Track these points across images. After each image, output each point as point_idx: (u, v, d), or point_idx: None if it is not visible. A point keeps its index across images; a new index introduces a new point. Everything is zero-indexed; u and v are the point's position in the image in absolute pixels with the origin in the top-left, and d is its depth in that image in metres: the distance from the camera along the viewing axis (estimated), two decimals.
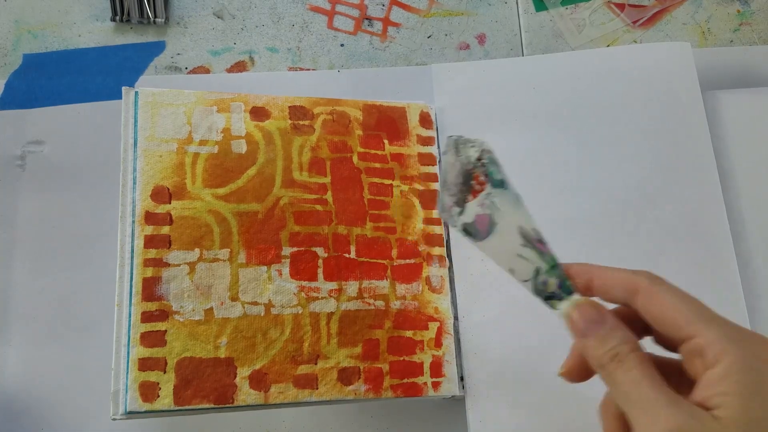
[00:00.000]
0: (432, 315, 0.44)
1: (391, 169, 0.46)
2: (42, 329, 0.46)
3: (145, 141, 0.42)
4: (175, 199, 0.42)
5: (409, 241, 0.45)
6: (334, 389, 0.41)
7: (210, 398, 0.39)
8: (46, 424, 0.44)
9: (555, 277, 0.30)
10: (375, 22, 0.55)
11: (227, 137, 0.44)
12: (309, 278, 0.42)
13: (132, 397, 0.38)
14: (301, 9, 0.55)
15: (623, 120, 0.49)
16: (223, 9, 0.54)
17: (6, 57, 0.52)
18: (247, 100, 0.45)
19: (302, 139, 0.45)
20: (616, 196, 0.47)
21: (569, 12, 0.55)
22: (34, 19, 0.53)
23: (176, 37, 0.53)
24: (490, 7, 0.55)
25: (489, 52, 0.54)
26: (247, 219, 0.42)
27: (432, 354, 0.43)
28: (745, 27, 0.55)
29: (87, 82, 0.52)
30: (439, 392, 0.42)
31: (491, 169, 0.31)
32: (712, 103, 0.50)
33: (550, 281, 0.30)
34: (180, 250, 0.41)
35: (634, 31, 0.55)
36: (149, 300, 0.39)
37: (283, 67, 0.53)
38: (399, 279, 0.44)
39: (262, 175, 0.44)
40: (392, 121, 0.47)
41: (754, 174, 0.49)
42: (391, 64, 0.54)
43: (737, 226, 0.47)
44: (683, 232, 0.46)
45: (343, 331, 0.42)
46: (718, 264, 0.46)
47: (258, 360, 0.40)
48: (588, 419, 0.31)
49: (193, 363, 0.39)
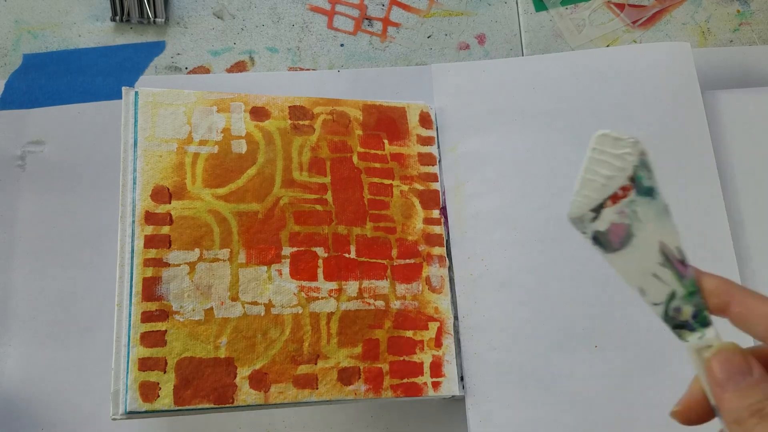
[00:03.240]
0: (432, 315, 0.44)
1: (391, 169, 0.46)
2: (42, 329, 0.46)
3: (145, 141, 0.42)
4: (175, 199, 0.42)
5: (409, 241, 0.45)
6: (334, 389, 0.41)
7: (210, 398, 0.39)
8: (46, 424, 0.44)
9: (691, 305, 0.27)
10: (375, 22, 0.55)
11: (227, 137, 0.44)
12: (309, 278, 0.42)
13: (132, 397, 0.38)
14: (301, 9, 0.55)
15: (623, 120, 0.49)
16: (223, 9, 0.54)
17: (6, 57, 0.52)
18: (247, 100, 0.45)
19: (302, 139, 0.45)
20: None
21: (569, 12, 0.55)
22: (34, 19, 0.53)
23: (176, 37, 0.53)
24: (490, 7, 0.55)
25: (489, 52, 0.54)
26: (247, 219, 0.42)
27: (432, 354, 0.43)
28: (744, 27, 0.55)
29: (87, 82, 0.52)
30: (439, 392, 0.42)
31: (640, 174, 0.27)
32: (712, 103, 0.50)
33: (685, 309, 0.27)
34: (180, 250, 0.41)
35: (633, 31, 0.55)
36: (149, 300, 0.39)
37: (283, 67, 0.53)
38: (399, 279, 0.44)
39: (262, 175, 0.44)
40: (392, 121, 0.48)
41: (754, 174, 0.49)
42: (391, 64, 0.54)
43: (737, 226, 0.47)
44: (683, 232, 0.46)
45: (343, 331, 0.42)
46: (718, 264, 0.46)
47: (258, 360, 0.40)
48: (588, 419, 0.31)
49: (193, 363, 0.39)
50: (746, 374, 0.25)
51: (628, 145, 0.27)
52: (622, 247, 0.28)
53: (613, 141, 0.27)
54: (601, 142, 0.28)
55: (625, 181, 0.27)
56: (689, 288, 0.27)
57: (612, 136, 0.27)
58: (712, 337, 0.27)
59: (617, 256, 0.28)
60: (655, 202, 0.27)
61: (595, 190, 0.28)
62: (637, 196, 0.27)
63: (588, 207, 0.28)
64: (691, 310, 0.27)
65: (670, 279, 0.27)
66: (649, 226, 0.27)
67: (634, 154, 0.27)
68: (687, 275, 0.27)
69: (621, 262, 0.28)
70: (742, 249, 0.47)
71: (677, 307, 0.27)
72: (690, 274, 0.27)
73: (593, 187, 0.28)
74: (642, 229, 0.27)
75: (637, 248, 0.27)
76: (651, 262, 0.27)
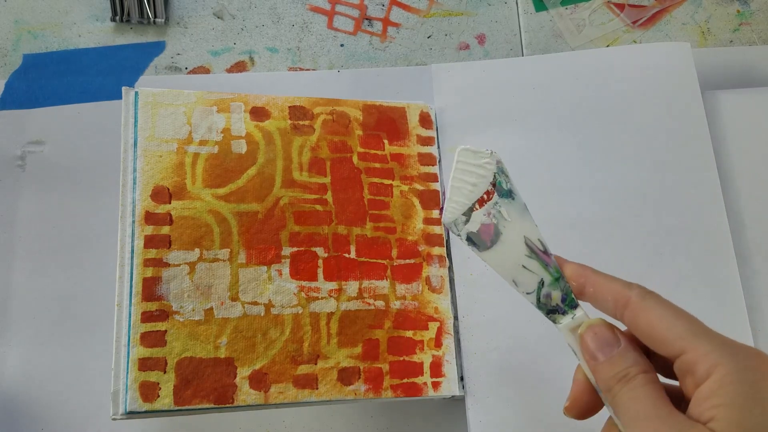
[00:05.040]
0: (432, 315, 0.44)
1: (391, 169, 0.46)
2: (42, 329, 0.46)
3: (145, 141, 0.42)
4: (175, 199, 0.42)
5: (409, 241, 0.45)
6: (334, 389, 0.41)
7: (210, 398, 0.39)
8: (46, 424, 0.44)
9: (559, 290, 0.30)
10: (375, 22, 0.55)
11: (227, 137, 0.44)
12: (309, 278, 0.42)
13: (132, 397, 0.38)
14: (301, 9, 0.55)
15: (623, 120, 0.49)
16: (223, 9, 0.54)
17: (6, 57, 0.52)
18: (247, 100, 0.45)
19: (302, 139, 0.45)
20: (616, 196, 0.47)
21: (569, 12, 0.55)
22: (34, 19, 0.53)
23: (176, 37, 0.53)
24: (490, 7, 0.55)
25: (489, 52, 0.54)
26: (247, 219, 0.42)
27: (432, 354, 0.43)
28: (744, 27, 0.55)
29: (87, 82, 0.52)
30: (439, 392, 0.42)
31: (500, 179, 0.31)
32: (712, 103, 0.50)
33: (554, 294, 0.30)
34: (180, 250, 0.41)
35: (633, 31, 0.55)
36: (149, 300, 0.39)
37: (283, 67, 0.53)
38: (399, 279, 0.44)
39: (262, 175, 0.44)
40: (392, 121, 0.48)
41: (754, 174, 0.49)
42: (391, 64, 0.54)
43: (737, 226, 0.47)
44: (683, 232, 0.46)
45: (343, 331, 0.42)
46: (718, 264, 0.46)
47: (258, 360, 0.40)
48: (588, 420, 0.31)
49: (193, 363, 0.39)
50: (614, 345, 0.28)
51: (487, 156, 0.31)
52: (492, 245, 0.31)
53: (473, 154, 0.31)
54: (464, 155, 0.31)
55: (488, 186, 0.31)
56: (554, 274, 0.30)
57: (472, 150, 0.31)
58: (581, 315, 0.30)
59: (490, 253, 0.31)
60: (515, 203, 0.31)
61: (464, 196, 0.31)
62: (500, 198, 0.31)
63: (460, 212, 0.31)
64: (560, 295, 0.30)
65: (537, 268, 0.31)
66: (513, 223, 0.31)
67: (492, 163, 0.31)
68: (551, 263, 0.31)
69: (494, 258, 0.31)
70: (742, 249, 0.47)
71: (547, 293, 0.30)
72: (553, 261, 0.31)
73: (462, 194, 0.31)
74: (507, 227, 0.31)
75: (505, 244, 0.31)
76: (519, 254, 0.31)
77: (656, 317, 0.27)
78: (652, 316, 0.27)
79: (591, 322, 0.30)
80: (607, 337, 0.29)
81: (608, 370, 0.28)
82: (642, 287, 0.29)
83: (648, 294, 0.28)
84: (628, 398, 0.27)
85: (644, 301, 0.28)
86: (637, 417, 0.26)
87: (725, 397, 0.25)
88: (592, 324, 0.29)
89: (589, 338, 0.29)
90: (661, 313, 0.27)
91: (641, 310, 0.27)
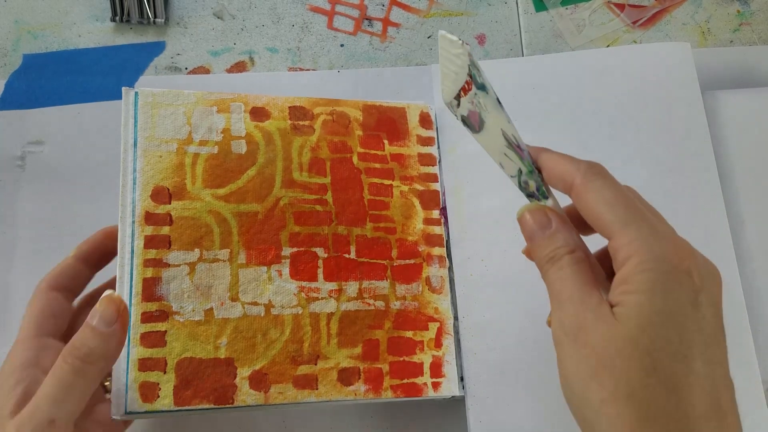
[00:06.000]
0: (432, 315, 0.44)
1: (391, 170, 0.46)
2: None
3: (145, 141, 0.42)
4: (175, 200, 0.42)
5: (409, 241, 0.45)
6: (334, 389, 0.41)
7: (210, 398, 0.39)
8: None
9: (533, 180, 0.31)
10: (375, 22, 0.55)
11: (227, 138, 0.44)
12: (309, 278, 0.42)
13: (132, 397, 0.38)
14: (301, 9, 0.55)
15: (623, 120, 0.49)
16: (223, 9, 0.54)
17: (6, 57, 0.52)
18: (247, 101, 0.45)
19: (302, 139, 0.45)
20: None
21: (569, 12, 0.55)
22: (34, 20, 0.53)
23: (176, 37, 0.53)
24: (490, 7, 0.55)
25: (489, 52, 0.54)
26: (247, 219, 0.42)
27: (432, 354, 0.43)
28: (745, 27, 0.55)
29: (87, 82, 0.52)
30: (439, 392, 0.42)
31: (473, 72, 0.30)
32: (712, 103, 0.50)
33: (530, 183, 0.31)
34: (180, 251, 0.41)
35: (634, 31, 0.55)
36: (149, 300, 0.39)
37: (283, 67, 0.53)
38: (399, 279, 0.44)
39: (262, 176, 0.44)
40: (392, 122, 0.47)
41: (754, 174, 0.49)
42: (391, 64, 0.54)
43: (737, 226, 0.47)
44: (683, 232, 0.46)
45: (343, 331, 0.42)
46: (718, 264, 0.46)
47: (258, 360, 0.40)
48: None
49: (193, 363, 0.39)
50: (546, 227, 0.30)
51: (459, 47, 0.29)
52: (480, 130, 0.32)
53: (449, 42, 0.30)
54: (443, 42, 0.30)
55: (466, 76, 0.30)
56: (528, 167, 0.31)
57: (448, 38, 0.30)
58: (552, 203, 0.31)
59: (480, 135, 0.32)
60: (488, 96, 0.30)
61: (452, 82, 0.31)
62: (477, 90, 0.30)
63: (451, 95, 0.32)
64: (535, 184, 0.31)
65: (515, 159, 0.31)
66: (490, 114, 0.31)
67: (464, 55, 0.29)
68: (524, 156, 0.31)
69: (483, 141, 0.32)
70: (742, 249, 0.47)
71: (525, 180, 0.32)
72: (527, 155, 0.31)
73: (450, 79, 0.31)
74: (488, 117, 0.31)
75: (488, 132, 0.31)
76: (500, 144, 0.31)
77: (594, 200, 0.28)
78: (591, 198, 0.28)
79: (529, 206, 0.31)
80: (540, 220, 0.30)
81: (540, 250, 0.29)
82: (590, 165, 0.29)
83: (593, 174, 0.29)
84: (556, 278, 0.28)
85: (588, 182, 0.28)
86: (561, 297, 0.28)
87: (634, 284, 0.26)
88: (529, 207, 0.31)
89: (525, 221, 0.30)
90: (601, 195, 0.28)
91: (584, 192, 0.28)
